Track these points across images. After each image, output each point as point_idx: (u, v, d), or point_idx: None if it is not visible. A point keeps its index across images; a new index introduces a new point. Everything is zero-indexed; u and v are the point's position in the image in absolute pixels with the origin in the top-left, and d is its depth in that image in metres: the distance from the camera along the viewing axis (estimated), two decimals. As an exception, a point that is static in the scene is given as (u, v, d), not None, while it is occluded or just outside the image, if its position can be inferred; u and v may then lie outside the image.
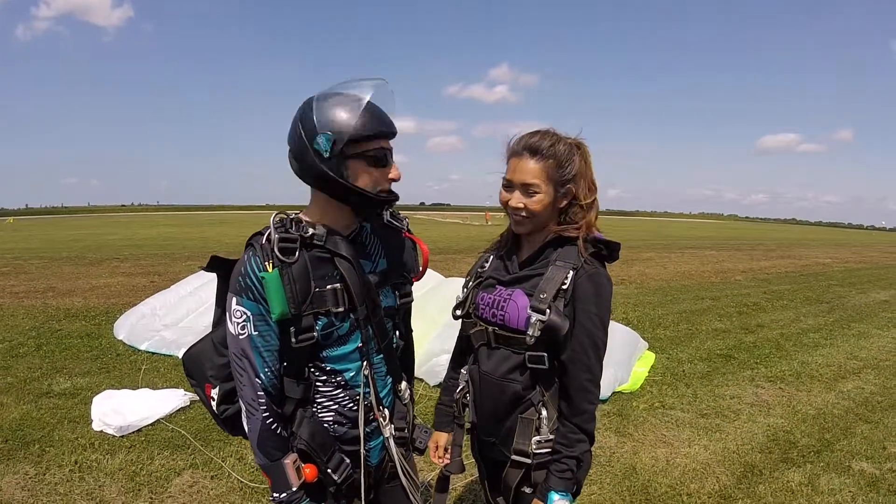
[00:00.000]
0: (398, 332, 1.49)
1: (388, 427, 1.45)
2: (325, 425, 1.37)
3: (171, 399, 3.93)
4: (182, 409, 3.90)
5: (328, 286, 1.28)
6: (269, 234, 1.26)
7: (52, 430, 3.60)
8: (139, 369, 4.83)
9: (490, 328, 1.52)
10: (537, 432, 1.48)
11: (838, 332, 7.24)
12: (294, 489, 1.29)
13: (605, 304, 1.44)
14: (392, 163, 1.32)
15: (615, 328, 5.02)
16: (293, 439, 1.33)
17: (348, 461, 1.39)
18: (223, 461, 3.21)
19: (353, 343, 1.35)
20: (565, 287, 1.41)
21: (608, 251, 1.47)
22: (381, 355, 1.42)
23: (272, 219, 1.29)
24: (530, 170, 1.43)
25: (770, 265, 15.94)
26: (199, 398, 1.49)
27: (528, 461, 1.48)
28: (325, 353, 1.33)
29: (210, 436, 3.50)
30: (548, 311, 1.38)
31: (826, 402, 4.55)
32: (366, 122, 1.22)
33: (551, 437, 1.47)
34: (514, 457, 1.50)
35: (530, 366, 1.46)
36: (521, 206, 1.45)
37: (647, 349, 5.71)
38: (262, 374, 1.27)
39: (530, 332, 1.39)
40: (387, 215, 1.49)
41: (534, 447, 1.47)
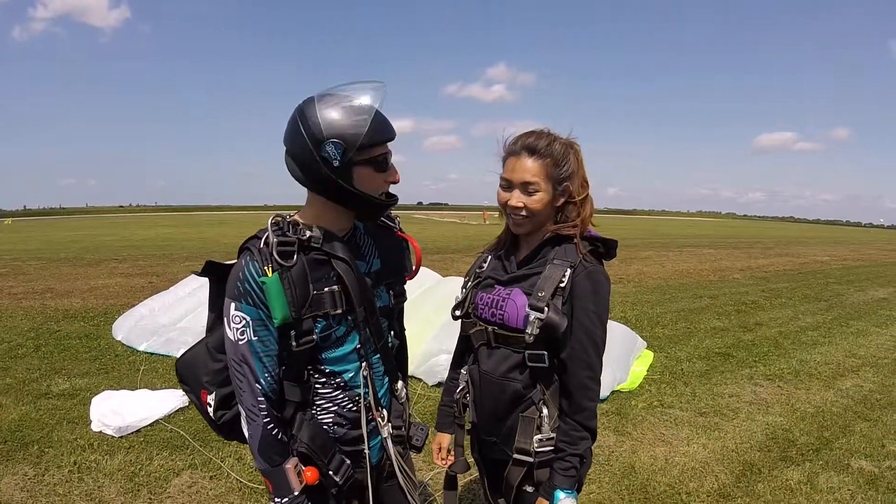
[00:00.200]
0: (393, 332, 1.50)
1: (386, 427, 1.45)
2: (324, 427, 1.37)
3: (170, 400, 3.93)
4: (181, 410, 3.89)
5: (326, 288, 1.28)
6: (267, 237, 1.25)
7: (50, 431, 3.59)
8: (138, 370, 4.82)
9: (489, 328, 1.53)
10: (538, 431, 1.49)
11: (837, 330, 7.25)
12: (296, 493, 1.29)
13: (604, 302, 1.45)
14: (392, 166, 1.33)
15: (613, 327, 5.03)
16: (293, 443, 1.32)
17: (348, 462, 1.39)
18: (222, 461, 3.21)
19: (351, 344, 1.35)
20: (563, 285, 1.42)
21: (605, 249, 1.49)
22: (378, 355, 1.42)
23: (269, 222, 1.28)
24: (529, 168, 1.44)
25: (768, 263, 15.96)
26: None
27: (530, 460, 1.49)
28: (323, 356, 1.33)
29: (209, 436, 3.50)
30: (546, 309, 1.38)
31: (825, 401, 4.56)
32: (374, 129, 1.22)
33: (552, 436, 1.48)
34: (516, 455, 1.50)
35: (530, 364, 1.46)
36: (521, 205, 1.45)
37: (646, 348, 5.72)
38: (262, 380, 1.27)
39: (529, 331, 1.40)
40: None
41: (535, 445, 1.48)
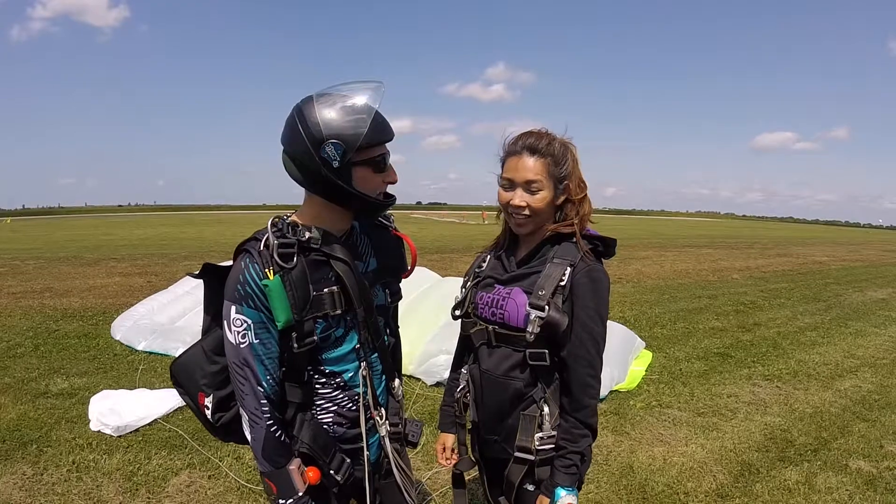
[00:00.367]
0: (388, 330, 1.51)
1: (384, 425, 1.46)
2: (324, 427, 1.38)
3: (169, 399, 3.92)
4: (179, 409, 3.88)
5: (325, 289, 1.28)
6: (267, 239, 1.24)
7: (49, 431, 3.59)
8: (136, 369, 4.82)
9: (490, 327, 1.54)
10: (539, 429, 1.50)
11: (835, 331, 7.25)
12: (301, 494, 1.29)
13: (604, 299, 1.47)
14: (390, 166, 1.33)
15: (612, 327, 5.02)
16: (294, 443, 1.32)
17: (349, 460, 1.40)
18: (220, 461, 3.21)
19: (350, 344, 1.36)
20: (563, 283, 1.43)
21: (604, 247, 1.51)
22: (376, 354, 1.43)
23: (269, 223, 1.28)
24: (531, 167, 1.46)
25: (767, 263, 15.96)
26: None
27: (532, 458, 1.50)
28: (323, 356, 1.33)
29: (207, 436, 3.49)
30: (547, 307, 1.40)
31: (823, 401, 4.56)
32: (374, 130, 1.22)
33: (554, 434, 1.49)
34: (517, 454, 1.52)
35: (531, 363, 1.48)
36: (524, 204, 1.47)
37: (645, 348, 5.73)
38: (264, 382, 1.26)
39: (530, 329, 1.41)
40: None
41: (536, 444, 1.50)
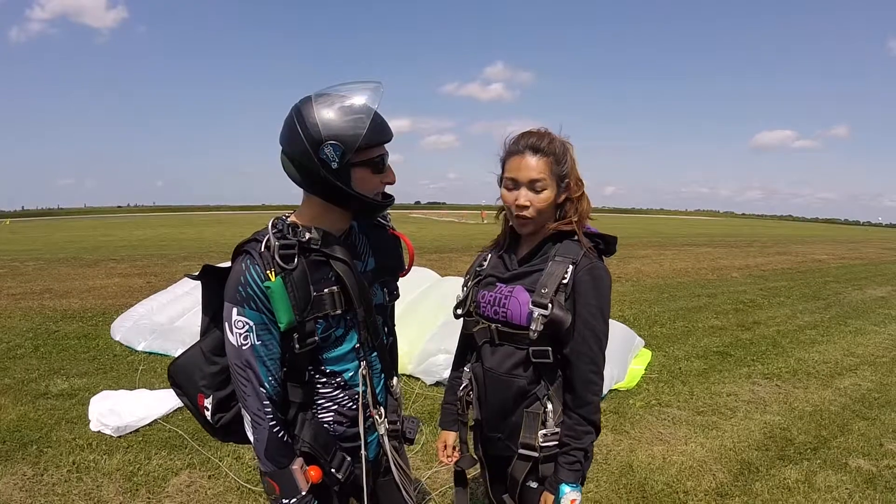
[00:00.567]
0: (386, 329, 1.51)
1: (383, 423, 1.46)
2: (325, 426, 1.38)
3: (168, 399, 3.91)
4: (179, 410, 3.88)
5: (325, 289, 1.29)
6: (268, 240, 1.24)
7: (49, 431, 3.59)
8: (136, 370, 4.82)
9: (493, 325, 1.55)
10: (543, 426, 1.51)
11: (835, 329, 7.25)
12: (303, 493, 1.29)
13: (605, 296, 1.48)
14: (388, 166, 1.33)
15: (612, 326, 5.00)
16: (296, 443, 1.33)
17: (349, 459, 1.41)
18: (220, 461, 3.21)
19: (350, 343, 1.36)
20: (566, 281, 1.45)
21: (605, 245, 1.53)
22: (376, 353, 1.43)
23: (269, 224, 1.28)
24: (535, 166, 1.47)
25: (766, 262, 15.96)
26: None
27: (536, 455, 1.52)
28: (323, 356, 1.33)
29: (207, 436, 3.46)
30: (550, 305, 1.41)
31: (823, 399, 4.57)
32: (373, 131, 1.22)
33: (557, 431, 1.50)
34: (521, 451, 1.53)
35: (534, 360, 1.49)
36: (529, 203, 1.47)
37: (644, 347, 5.73)
38: (266, 384, 1.27)
39: (533, 327, 1.43)
40: None
41: (540, 440, 1.51)
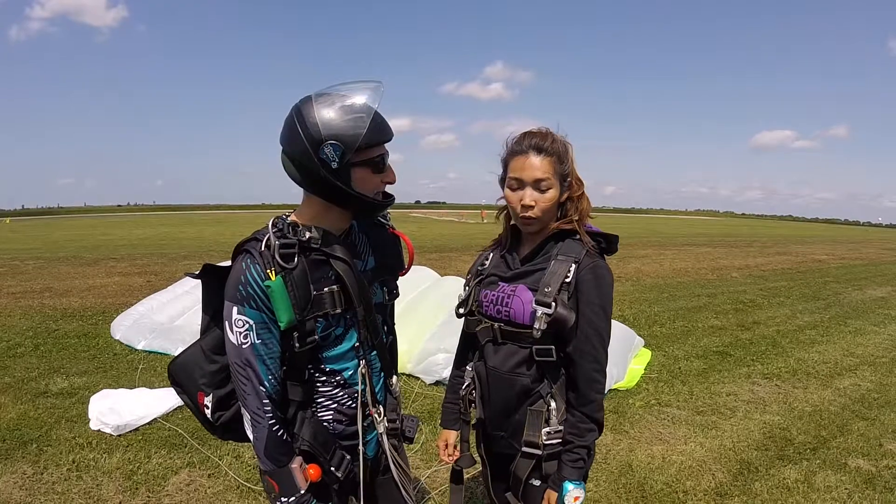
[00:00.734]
0: (386, 328, 1.51)
1: (382, 422, 1.47)
2: (324, 424, 1.38)
3: (168, 398, 3.92)
4: (179, 408, 3.88)
5: (325, 288, 1.29)
6: (268, 239, 1.24)
7: (49, 430, 3.59)
8: (136, 368, 4.82)
9: (495, 324, 1.56)
10: (546, 424, 1.52)
11: (835, 329, 7.25)
12: (303, 492, 1.30)
13: (608, 295, 1.49)
14: (389, 166, 1.33)
15: (612, 325, 5.01)
16: (295, 441, 1.33)
17: (348, 457, 1.41)
18: (220, 460, 3.22)
19: (349, 342, 1.36)
20: (568, 280, 1.45)
21: (607, 244, 1.54)
22: (375, 352, 1.44)
23: (270, 224, 1.28)
24: (539, 166, 1.48)
25: (766, 262, 15.96)
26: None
27: (539, 452, 1.52)
28: (323, 354, 1.34)
29: (207, 435, 3.47)
30: (553, 304, 1.42)
31: (822, 399, 4.57)
32: (373, 130, 1.22)
33: (560, 428, 1.51)
34: (525, 448, 1.54)
35: (538, 359, 1.50)
36: (534, 203, 1.48)
37: (644, 346, 5.73)
38: (266, 382, 1.27)
39: (536, 326, 1.43)
40: None
41: (544, 438, 1.51)
